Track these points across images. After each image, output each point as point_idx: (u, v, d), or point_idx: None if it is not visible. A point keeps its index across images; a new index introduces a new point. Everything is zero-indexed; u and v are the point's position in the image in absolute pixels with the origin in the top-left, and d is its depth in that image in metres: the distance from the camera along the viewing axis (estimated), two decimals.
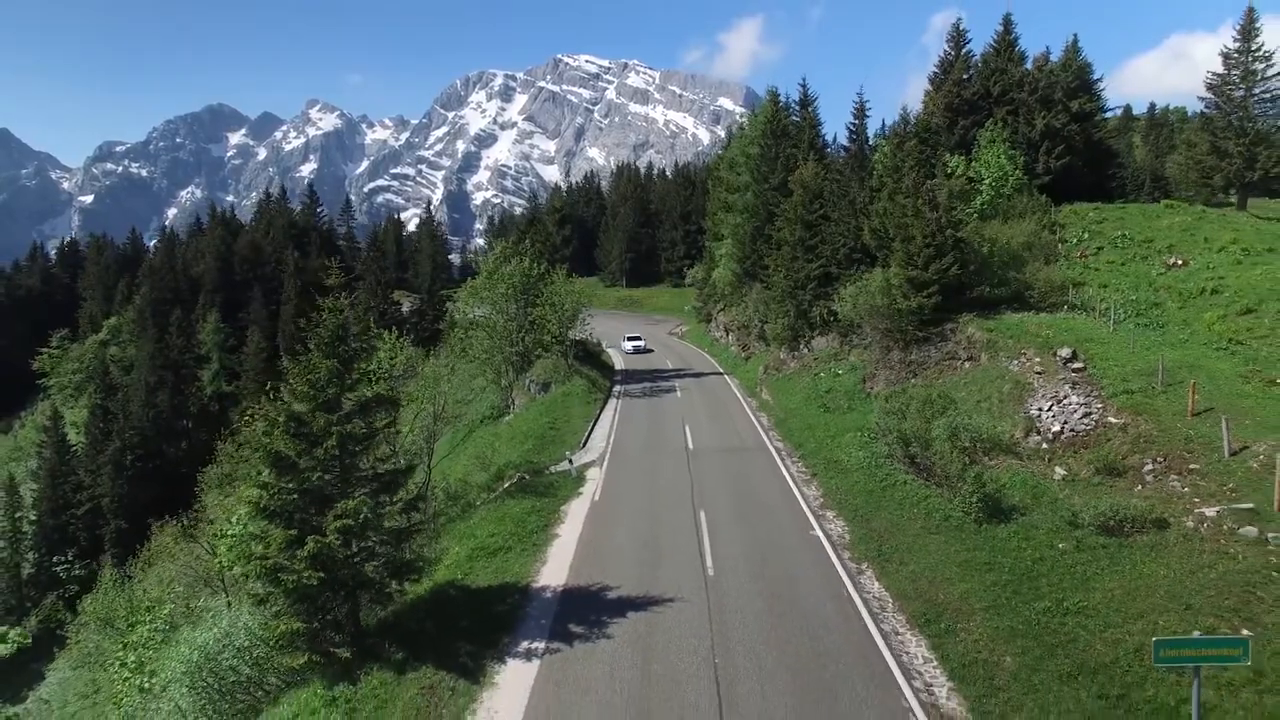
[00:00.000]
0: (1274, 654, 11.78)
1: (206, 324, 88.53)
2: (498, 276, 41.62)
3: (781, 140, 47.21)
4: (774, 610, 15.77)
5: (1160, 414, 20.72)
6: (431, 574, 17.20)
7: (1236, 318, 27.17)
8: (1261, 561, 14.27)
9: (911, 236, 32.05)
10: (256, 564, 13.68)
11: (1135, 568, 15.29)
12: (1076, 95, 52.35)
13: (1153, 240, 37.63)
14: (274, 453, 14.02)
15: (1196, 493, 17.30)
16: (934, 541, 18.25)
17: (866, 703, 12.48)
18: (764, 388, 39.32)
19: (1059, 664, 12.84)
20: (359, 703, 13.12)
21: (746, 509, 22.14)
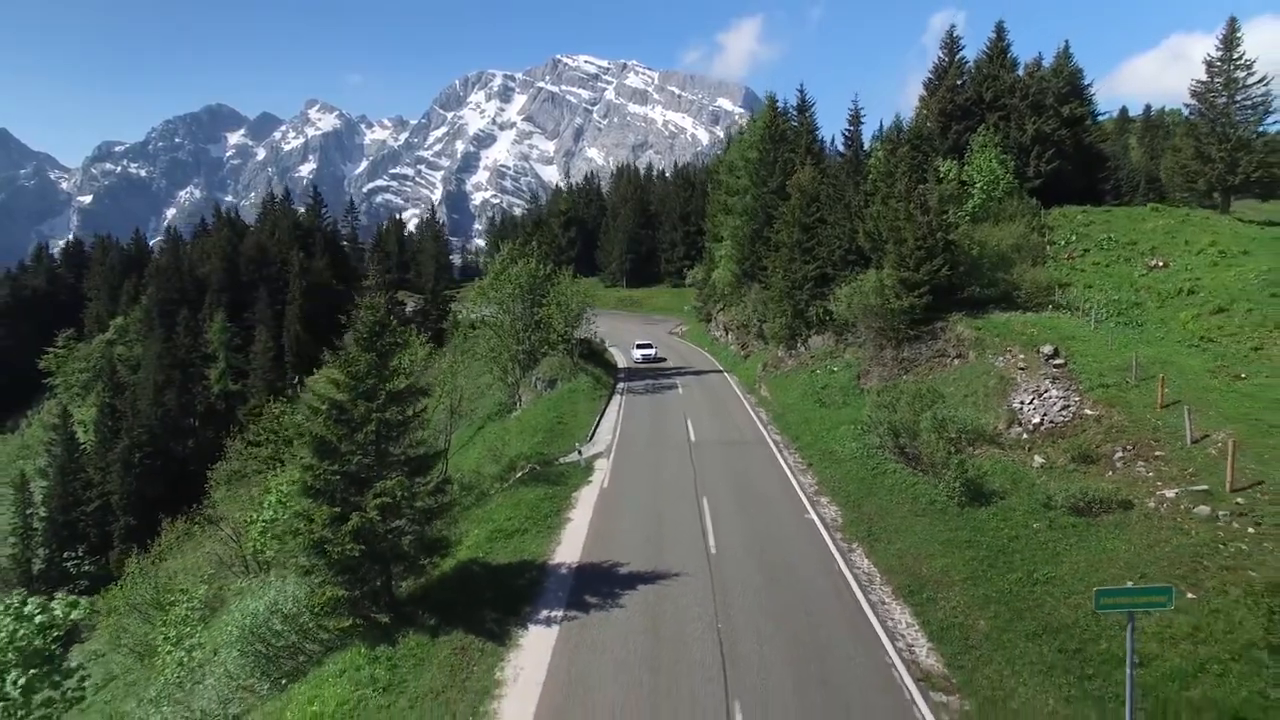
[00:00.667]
0: (1211, 612, 13.34)
1: (214, 324, 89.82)
2: (505, 277, 43.07)
3: (780, 145, 48.78)
4: (771, 583, 17.29)
5: (1132, 406, 22.25)
6: (455, 553, 18.68)
7: (1209, 317, 28.72)
8: (1210, 536, 15.81)
9: (904, 239, 33.57)
10: (303, 538, 15.18)
11: (1100, 543, 16.82)
12: (1068, 100, 53.91)
13: (1137, 243, 39.15)
14: (318, 437, 15.52)
15: (1159, 477, 18.85)
16: (919, 523, 19.78)
17: (854, 659, 14.01)
18: (763, 385, 40.85)
19: (1026, 625, 14.38)
20: (399, 660, 14.62)
21: (746, 496, 23.68)
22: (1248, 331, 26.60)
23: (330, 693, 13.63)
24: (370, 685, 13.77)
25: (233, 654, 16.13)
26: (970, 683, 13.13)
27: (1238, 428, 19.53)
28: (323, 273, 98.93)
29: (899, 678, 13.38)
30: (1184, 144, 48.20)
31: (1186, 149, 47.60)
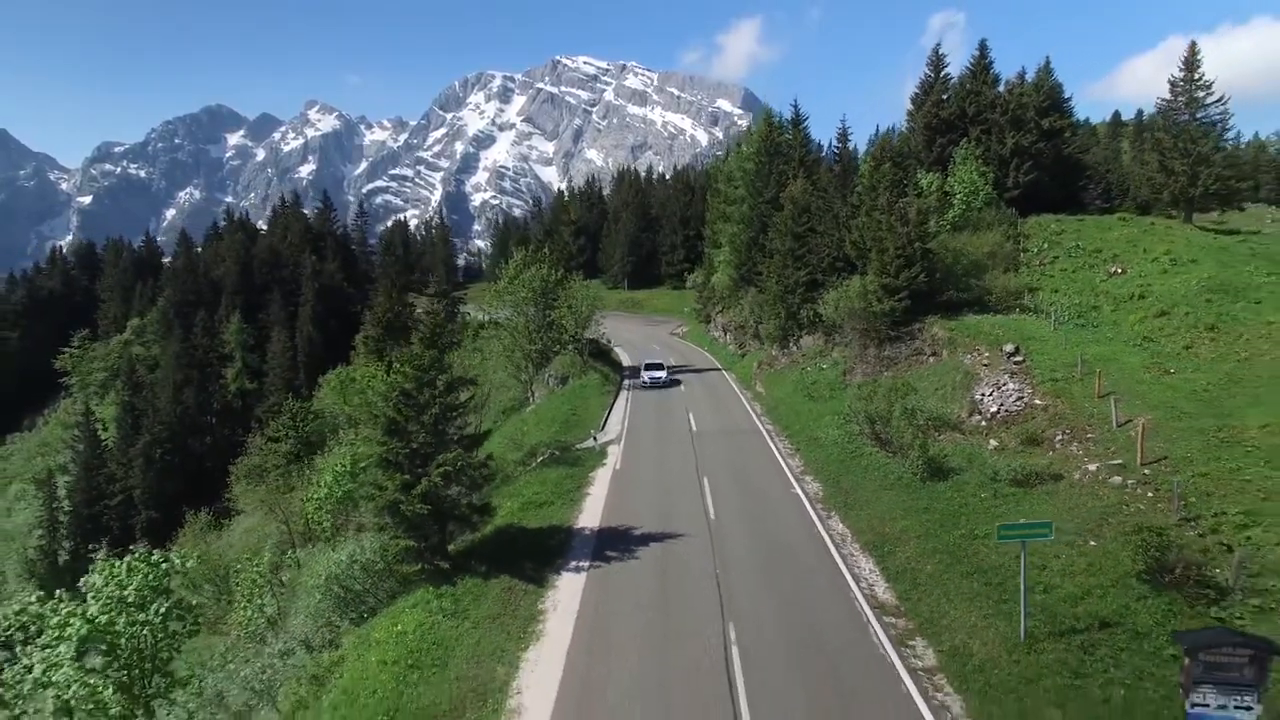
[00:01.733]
0: (1105, 554, 16.96)
1: (230, 325, 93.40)
2: (519, 282, 46.67)
3: (774, 158, 52.44)
4: (761, 543, 20.91)
5: (1074, 397, 25.87)
6: (493, 519, 22.24)
7: (1153, 319, 32.35)
8: (1118, 499, 19.45)
9: (885, 248, 37.21)
10: (379, 500, 18.77)
11: (1032, 507, 20.42)
12: (1048, 114, 57.24)
13: (1101, 250, 42.73)
14: (390, 419, 19.12)
15: (1087, 454, 22.48)
16: (887, 495, 23.41)
17: (827, 595, 17.63)
18: (758, 381, 44.49)
19: (962, 568, 18.00)
20: (460, 596, 18.17)
21: (741, 475, 27.31)
22: (1182, 332, 30.24)
23: (407, 618, 17.19)
24: (439, 613, 17.35)
25: (315, 598, 19.68)
26: (915, 610, 16.74)
27: (1156, 414, 23.16)
28: (334, 275, 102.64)
29: (860, 608, 16.97)
30: (1150, 158, 51.83)
31: (1152, 162, 51.24)
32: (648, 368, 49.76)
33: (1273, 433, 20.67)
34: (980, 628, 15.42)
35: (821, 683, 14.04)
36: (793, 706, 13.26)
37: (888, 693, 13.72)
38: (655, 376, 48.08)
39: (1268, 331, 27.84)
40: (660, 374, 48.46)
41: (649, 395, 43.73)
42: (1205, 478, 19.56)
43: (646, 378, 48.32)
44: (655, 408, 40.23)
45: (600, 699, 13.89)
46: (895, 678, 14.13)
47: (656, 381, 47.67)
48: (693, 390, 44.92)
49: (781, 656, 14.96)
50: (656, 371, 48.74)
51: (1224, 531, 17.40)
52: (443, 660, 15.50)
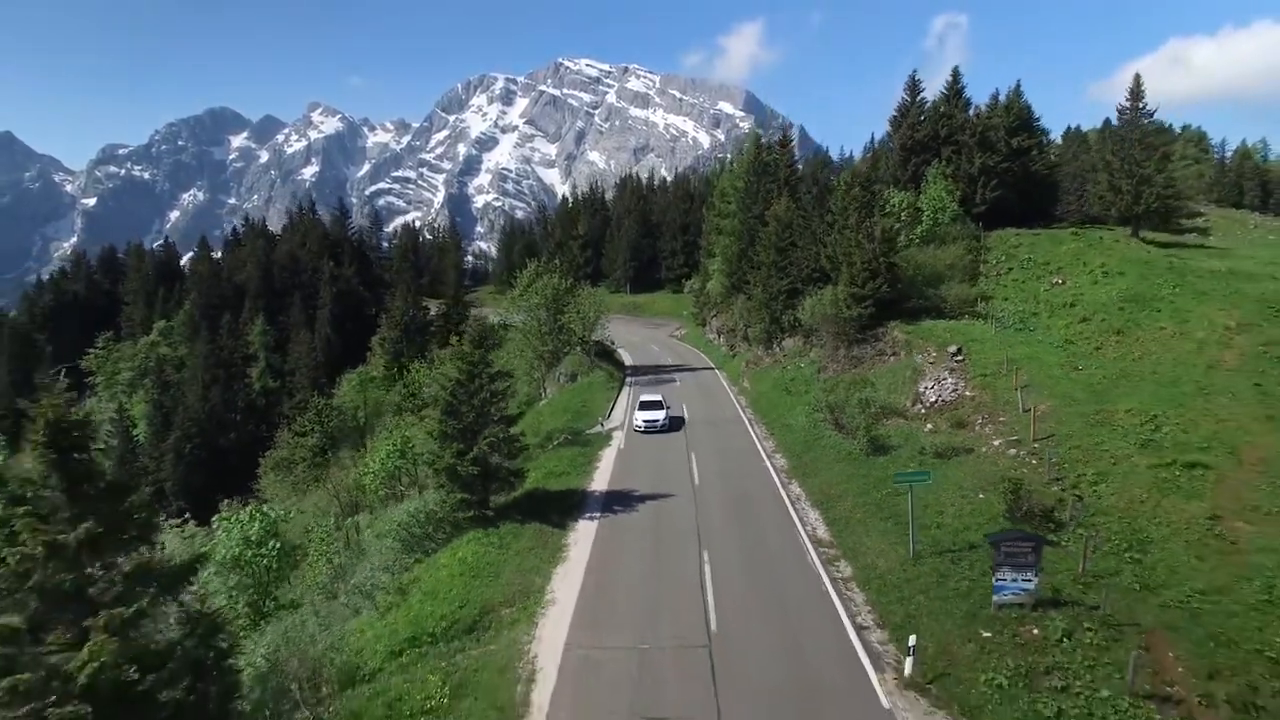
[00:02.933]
0: (988, 503, 22.84)
1: (254, 327, 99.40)
2: (533, 289, 52.61)
3: (762, 177, 58.36)
4: (734, 502, 26.82)
5: (997, 389, 31.77)
6: (523, 484, 28.14)
7: (1076, 324, 38.19)
8: (1010, 465, 25.36)
9: (854, 262, 43.09)
10: (439, 465, 24.71)
11: (945, 473, 26.26)
12: (1017, 133, 62.91)
13: (1049, 263, 48.51)
14: (447, 402, 25.06)
15: (996, 433, 28.38)
16: (837, 466, 29.31)
17: (779, 534, 23.54)
18: (745, 378, 50.41)
19: (881, 515, 23.90)
20: (503, 535, 24.08)
21: (722, 452, 33.26)
22: (1096, 336, 36.06)
23: (465, 550, 23.09)
24: (489, 545, 23.26)
25: (387, 542, 25.60)
26: (842, 542, 22.67)
27: (1054, 402, 29.06)
28: (350, 280, 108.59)
29: (803, 542, 22.87)
30: (1100, 178, 57.67)
31: (1103, 181, 57.08)
32: (643, 406, 39.21)
33: (1134, 414, 26.55)
34: (885, 552, 21.34)
35: (767, 588, 19.94)
36: (745, 602, 19.16)
37: (813, 591, 19.66)
38: (652, 420, 37.55)
39: (1159, 335, 33.70)
40: (658, 415, 37.88)
41: (649, 392, 49.56)
42: (1077, 449, 25.49)
43: (640, 420, 37.69)
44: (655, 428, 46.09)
45: (609, 595, 19.82)
46: (821, 583, 20.07)
47: (653, 426, 37.22)
48: (687, 386, 50.83)
49: (740, 571, 20.88)
50: (653, 412, 38.15)
51: (1081, 486, 23.32)
52: (495, 573, 21.44)
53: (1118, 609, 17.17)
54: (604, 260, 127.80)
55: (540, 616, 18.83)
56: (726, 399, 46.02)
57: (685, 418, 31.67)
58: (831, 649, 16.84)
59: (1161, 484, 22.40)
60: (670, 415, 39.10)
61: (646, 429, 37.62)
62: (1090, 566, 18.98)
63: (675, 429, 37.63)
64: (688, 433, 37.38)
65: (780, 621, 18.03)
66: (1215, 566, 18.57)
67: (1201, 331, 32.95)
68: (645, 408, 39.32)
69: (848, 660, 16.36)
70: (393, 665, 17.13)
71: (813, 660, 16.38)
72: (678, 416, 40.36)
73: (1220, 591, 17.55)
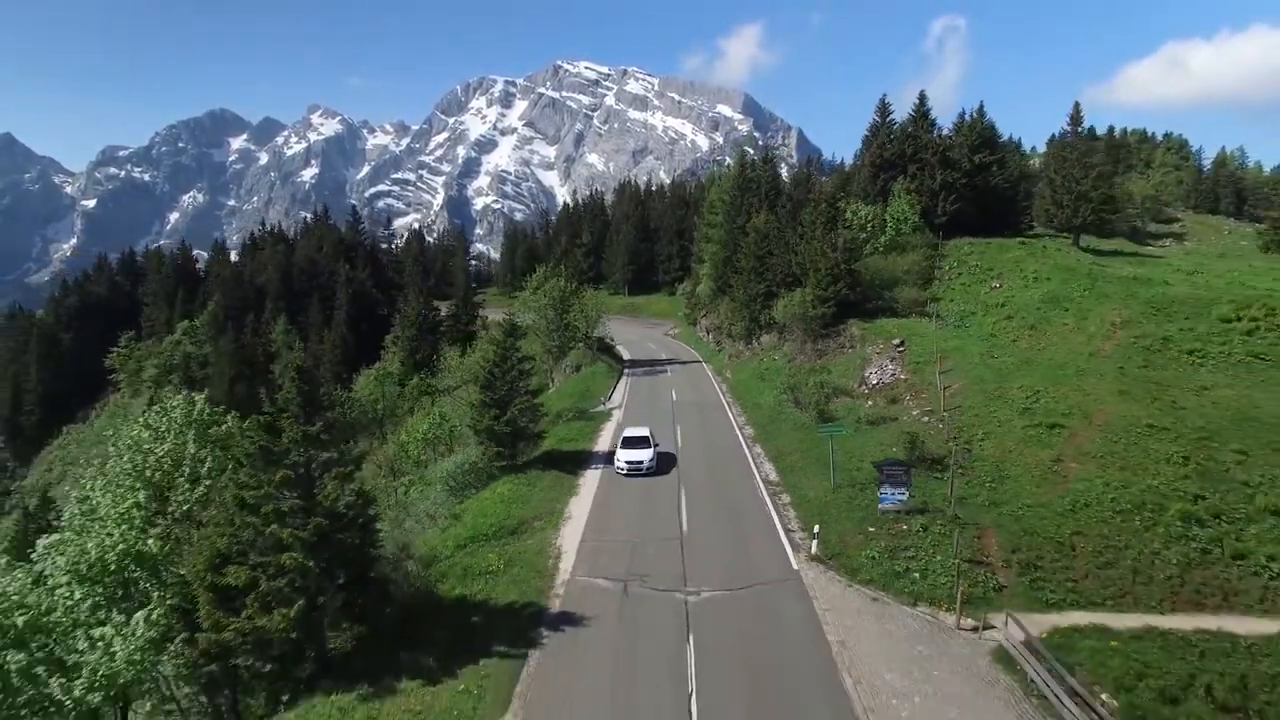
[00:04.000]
0: (884, 457, 30.52)
1: (276, 326, 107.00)
2: (541, 291, 60.20)
3: (745, 192, 66.11)
4: (708, 457, 34.51)
5: (925, 373, 39.44)
6: (543, 444, 35.74)
7: (1002, 321, 45.83)
8: (920, 428, 33.03)
9: (820, 269, 50.78)
10: (478, 426, 32.34)
11: (873, 435, 33.92)
12: (979, 151, 70.51)
13: (994, 269, 56.01)
14: (486, 378, 32.69)
15: (917, 406, 36.08)
16: (792, 434, 36.98)
17: (740, 478, 31.30)
18: (728, 369, 58.09)
19: (819, 465, 31.54)
20: (530, 479, 31.69)
21: (702, 425, 40.99)
22: (1015, 331, 43.70)
23: (501, 489, 30.71)
24: (520, 485, 30.93)
25: (437, 487, 33.20)
26: (786, 482, 30.38)
27: (967, 382, 36.73)
28: (364, 283, 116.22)
29: (757, 482, 30.58)
30: (1045, 191, 65.46)
31: (1047, 197, 64.87)
32: (627, 443, 33.48)
33: (1022, 390, 34.20)
34: (815, 486, 29.06)
35: (726, 508, 27.64)
36: (709, 516, 26.83)
37: (759, 510, 27.39)
38: (636, 461, 32.07)
39: (1061, 330, 41.36)
40: (643, 456, 32.30)
41: (644, 379, 57.37)
42: (976, 416, 33.18)
43: (623, 461, 32.28)
44: (648, 387, 53.88)
45: (610, 514, 27.50)
46: (765, 505, 27.79)
47: (637, 469, 31.83)
48: (678, 376, 58.51)
49: (708, 499, 28.57)
50: (637, 451, 32.64)
51: (970, 441, 30.98)
52: (527, 501, 29.11)
53: (968, 515, 24.86)
54: (604, 263, 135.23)
55: (562, 525, 26.52)
56: (710, 386, 53.72)
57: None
58: (766, 541, 24.54)
59: (1028, 439, 30.08)
60: (659, 453, 33.48)
61: (630, 472, 31.72)
62: (958, 492, 26.63)
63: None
64: (675, 411, 45.06)
65: (732, 527, 25.72)
66: (1044, 491, 26.26)
67: (1094, 327, 40.60)
68: (629, 445, 33.21)
69: (776, 546, 24.07)
70: (459, 553, 24.74)
71: (752, 547, 24.08)
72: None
73: (1041, 506, 25.24)
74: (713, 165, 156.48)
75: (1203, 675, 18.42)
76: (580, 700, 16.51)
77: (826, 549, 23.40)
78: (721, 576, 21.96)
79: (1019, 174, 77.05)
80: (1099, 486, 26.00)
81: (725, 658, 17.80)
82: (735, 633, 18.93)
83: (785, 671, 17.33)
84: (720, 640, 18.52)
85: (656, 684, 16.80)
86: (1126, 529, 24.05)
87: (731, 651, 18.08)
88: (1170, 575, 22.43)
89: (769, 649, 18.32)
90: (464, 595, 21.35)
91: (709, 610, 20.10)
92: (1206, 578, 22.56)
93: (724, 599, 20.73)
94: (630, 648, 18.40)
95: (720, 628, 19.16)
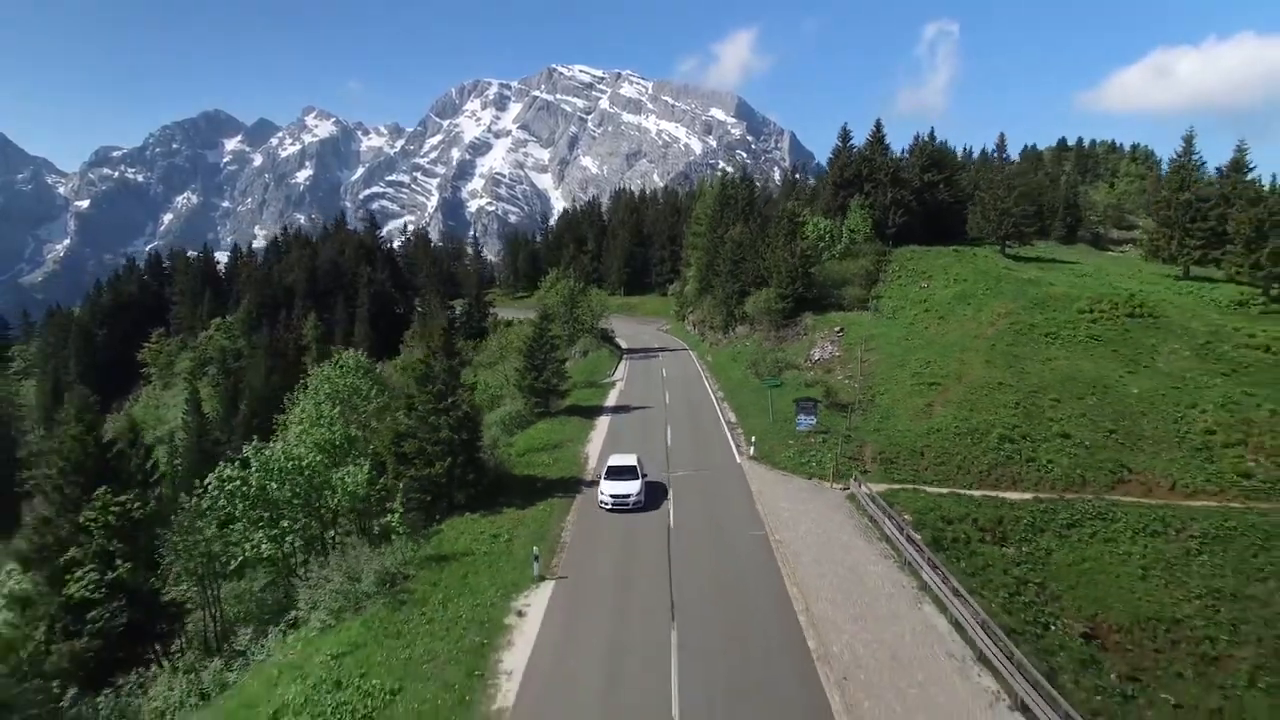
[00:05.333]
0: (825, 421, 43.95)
1: (307, 322, 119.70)
2: (554, 290, 73.36)
3: (725, 207, 79.50)
4: (688, 409, 47.95)
5: (852, 350, 52.79)
6: (566, 399, 48.85)
7: (921, 314, 59.15)
8: (839, 385, 46.36)
9: (781, 272, 64.09)
10: (521, 384, 45.44)
11: (806, 390, 47.17)
12: (928, 170, 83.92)
13: (926, 272, 69.40)
14: (527, 351, 45.85)
15: (843, 373, 49.49)
16: (751, 395, 50.29)
17: (710, 418, 44.87)
18: (709, 354, 71.40)
19: (764, 411, 44.81)
20: (562, 422, 44.85)
21: (686, 390, 54.39)
22: (928, 321, 57.02)
23: (540, 426, 43.86)
24: (554, 425, 44.12)
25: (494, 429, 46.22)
26: (741, 420, 43.80)
27: (881, 357, 50.08)
28: (383, 284, 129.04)
29: (722, 422, 43.98)
30: (976, 209, 78.92)
31: (978, 212, 78.33)
32: (611, 474, 30.98)
33: (918, 362, 47.58)
34: (759, 420, 42.46)
35: (698, 434, 41.05)
36: (685, 439, 40.21)
37: (719, 433, 40.88)
38: (622, 496, 29.66)
39: (961, 320, 54.70)
40: (630, 489, 29.90)
41: (640, 362, 70.52)
42: (881, 379, 46.57)
43: (607, 495, 29.76)
44: (643, 367, 67.11)
45: (619, 439, 40.72)
46: (724, 430, 41.21)
47: (623, 504, 29.50)
48: (668, 360, 71.78)
49: (686, 431, 41.96)
50: (624, 484, 30.14)
51: (874, 395, 44.29)
52: (560, 433, 42.38)
53: (856, 436, 38.14)
54: (602, 265, 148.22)
55: (586, 444, 39.87)
56: (693, 366, 67.07)
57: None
58: (721, 449, 37.99)
59: (912, 392, 43.40)
60: (648, 483, 31.33)
61: (615, 507, 29.41)
62: (855, 424, 39.84)
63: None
64: (665, 383, 58.24)
65: (702, 442, 39.15)
66: (913, 424, 39.58)
67: (985, 317, 53.96)
68: (614, 476, 30.65)
69: (727, 451, 37.57)
70: (520, 459, 37.82)
71: (713, 450, 37.60)
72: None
73: (907, 431, 38.57)
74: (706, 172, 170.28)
75: (974, 513, 31.75)
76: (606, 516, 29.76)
77: (760, 452, 36.71)
78: (691, 465, 35.37)
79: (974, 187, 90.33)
80: (950, 420, 39.35)
81: (689, 500, 31.02)
82: (697, 489, 32.19)
83: (723, 500, 30.64)
84: (687, 492, 31.78)
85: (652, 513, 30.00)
86: (961, 444, 37.40)
87: (693, 498, 31.32)
88: (980, 469, 35.81)
89: (715, 492, 31.64)
90: (529, 474, 34.56)
91: (682, 480, 33.35)
92: (1003, 472, 35.94)
93: (692, 475, 34.05)
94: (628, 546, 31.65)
95: (688, 487, 32.40)
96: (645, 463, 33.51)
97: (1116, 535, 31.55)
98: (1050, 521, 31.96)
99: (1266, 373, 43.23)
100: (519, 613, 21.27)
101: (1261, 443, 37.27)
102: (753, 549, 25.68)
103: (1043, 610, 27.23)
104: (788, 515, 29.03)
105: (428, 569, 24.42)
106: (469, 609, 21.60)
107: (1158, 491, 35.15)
